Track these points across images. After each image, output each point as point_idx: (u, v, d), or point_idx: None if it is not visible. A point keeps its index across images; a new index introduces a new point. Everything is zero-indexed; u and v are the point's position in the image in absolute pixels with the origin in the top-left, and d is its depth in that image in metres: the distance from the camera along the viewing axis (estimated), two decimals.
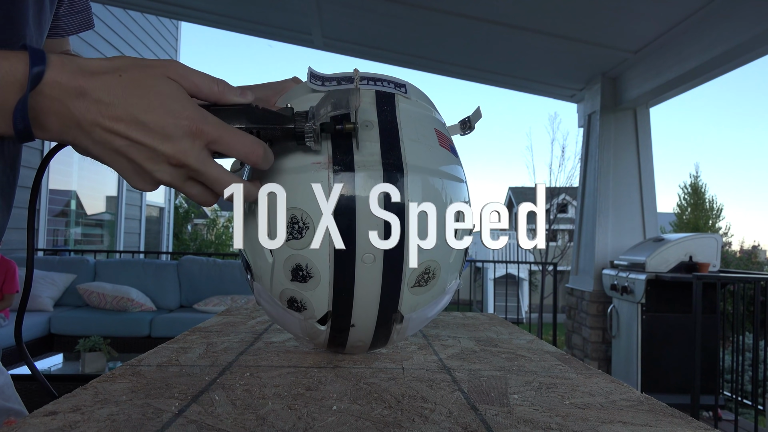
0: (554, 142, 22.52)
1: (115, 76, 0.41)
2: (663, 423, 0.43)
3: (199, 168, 0.43)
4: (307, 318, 0.53)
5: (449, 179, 0.53)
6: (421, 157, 0.51)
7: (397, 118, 0.53)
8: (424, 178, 0.50)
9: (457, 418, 0.43)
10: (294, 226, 0.48)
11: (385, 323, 0.54)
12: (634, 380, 3.90)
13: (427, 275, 0.52)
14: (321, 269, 0.49)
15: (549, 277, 11.31)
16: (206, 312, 4.55)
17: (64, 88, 0.40)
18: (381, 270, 0.49)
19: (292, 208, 0.49)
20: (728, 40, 3.23)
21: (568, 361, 0.64)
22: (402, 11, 3.88)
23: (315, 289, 0.50)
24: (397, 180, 0.49)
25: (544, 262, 7.85)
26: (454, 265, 0.55)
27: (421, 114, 0.55)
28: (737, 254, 18.47)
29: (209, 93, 0.45)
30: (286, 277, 0.51)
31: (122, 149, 0.42)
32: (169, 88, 0.42)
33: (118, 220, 7.03)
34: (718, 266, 4.12)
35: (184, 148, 0.42)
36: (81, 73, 0.40)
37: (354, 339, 0.56)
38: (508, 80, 5.13)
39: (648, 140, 4.69)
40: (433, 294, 0.54)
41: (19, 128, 0.39)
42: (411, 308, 0.53)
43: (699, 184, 17.54)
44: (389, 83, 0.56)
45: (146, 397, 0.46)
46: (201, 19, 5.02)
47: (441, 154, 0.53)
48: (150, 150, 0.41)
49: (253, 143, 0.44)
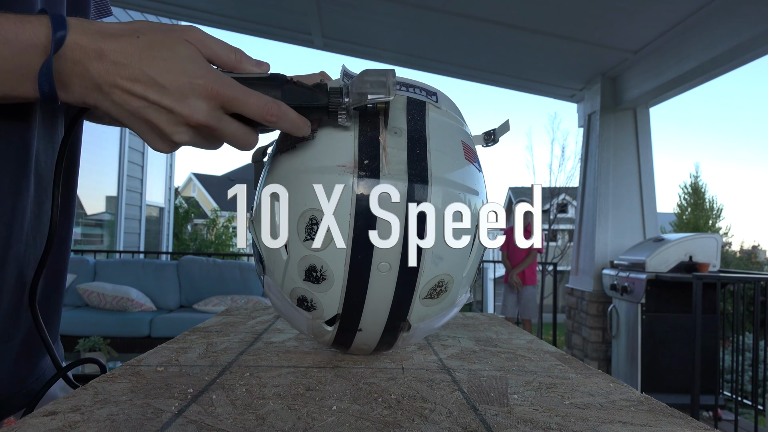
0: (554, 142, 22.56)
1: (133, 38, 0.42)
2: (663, 423, 0.43)
3: (217, 127, 0.43)
4: (315, 318, 0.53)
5: (471, 194, 0.53)
6: (446, 169, 0.51)
7: (426, 127, 0.52)
8: (447, 190, 0.50)
9: (457, 418, 0.43)
10: (313, 227, 0.48)
11: (392, 330, 0.54)
12: (634, 380, 3.90)
13: (439, 288, 0.52)
14: (336, 273, 0.49)
15: (549, 277, 11.32)
16: (206, 312, 4.55)
17: (85, 50, 0.40)
18: (395, 280, 0.49)
19: (312, 209, 0.48)
20: (728, 40, 3.23)
21: (568, 361, 0.64)
22: (402, 11, 3.88)
23: (327, 291, 0.50)
24: (422, 190, 0.48)
25: (544, 262, 7.86)
26: (467, 279, 0.55)
27: (450, 125, 0.55)
28: (737, 254, 18.48)
29: (227, 60, 0.46)
30: (299, 276, 0.51)
31: (140, 111, 0.42)
32: (186, 51, 0.43)
33: (118, 220, 7.03)
34: (718, 266, 4.12)
35: (201, 109, 0.42)
36: (100, 36, 0.41)
37: (359, 342, 0.56)
38: (508, 80, 5.14)
39: (648, 140, 4.69)
40: (442, 306, 0.54)
41: (44, 90, 0.40)
42: (419, 318, 0.54)
43: (699, 184, 17.56)
44: (421, 90, 0.55)
45: (146, 397, 0.46)
46: (201, 19, 5.02)
47: (466, 168, 0.53)
48: (167, 111, 0.42)
49: (268, 102, 0.44)
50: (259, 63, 0.47)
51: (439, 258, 0.50)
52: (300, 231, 0.49)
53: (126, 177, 7.07)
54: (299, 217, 0.49)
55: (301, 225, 0.49)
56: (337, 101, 0.47)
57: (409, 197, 0.48)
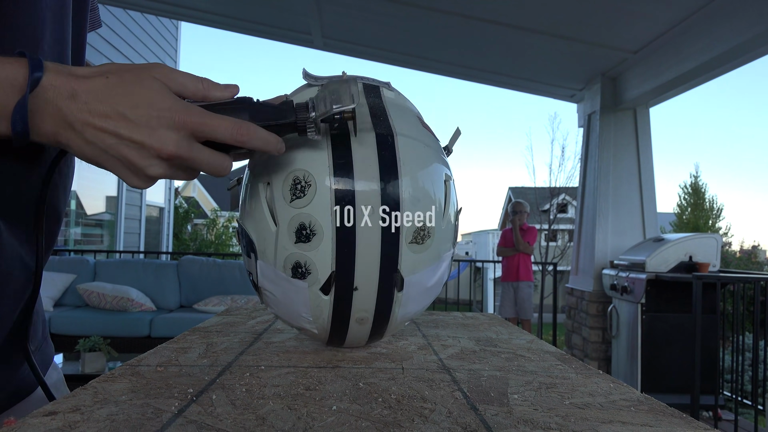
0: (554, 142, 22.58)
1: (102, 79, 0.43)
2: (663, 423, 0.43)
3: (189, 156, 0.45)
4: (312, 284, 0.54)
5: (434, 149, 0.59)
6: (407, 129, 0.57)
7: (383, 102, 0.59)
8: (409, 141, 0.56)
9: (457, 418, 0.43)
10: (297, 186, 0.52)
11: (386, 287, 0.55)
12: (634, 380, 3.90)
13: (422, 232, 0.55)
14: (324, 224, 0.52)
15: (549, 277, 11.31)
16: (206, 312, 4.55)
17: (58, 90, 0.42)
18: (379, 222, 0.52)
19: (294, 170, 0.52)
20: (728, 40, 3.23)
21: (568, 361, 0.64)
22: (402, 11, 3.88)
23: (319, 246, 0.53)
24: (388, 141, 0.54)
25: (544, 262, 7.85)
26: (447, 233, 0.59)
27: (404, 104, 0.62)
28: (737, 254, 18.48)
29: (194, 90, 0.47)
30: (291, 239, 0.53)
31: (113, 147, 0.43)
32: (153, 86, 0.44)
33: (117, 220, 7.03)
34: (718, 266, 4.12)
35: (171, 139, 0.44)
36: (74, 77, 0.43)
37: (357, 309, 0.56)
38: (508, 80, 5.13)
39: (648, 140, 4.69)
40: (429, 255, 0.57)
41: (17, 129, 0.41)
42: (410, 269, 0.55)
43: (699, 184, 17.55)
44: (373, 80, 0.63)
45: (146, 397, 0.46)
46: (201, 19, 5.02)
47: (424, 131, 0.60)
48: (138, 146, 0.43)
49: (236, 123, 0.46)
50: (227, 87, 0.49)
51: (417, 200, 0.54)
52: (285, 194, 0.52)
53: None
54: (283, 182, 0.53)
55: (285, 188, 0.52)
56: (304, 116, 0.49)
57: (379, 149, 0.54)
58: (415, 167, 0.55)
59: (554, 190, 12.72)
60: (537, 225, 15.43)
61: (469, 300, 16.16)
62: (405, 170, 0.53)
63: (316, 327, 0.59)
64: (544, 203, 13.82)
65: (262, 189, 0.55)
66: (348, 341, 0.62)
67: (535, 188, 13.83)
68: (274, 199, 0.53)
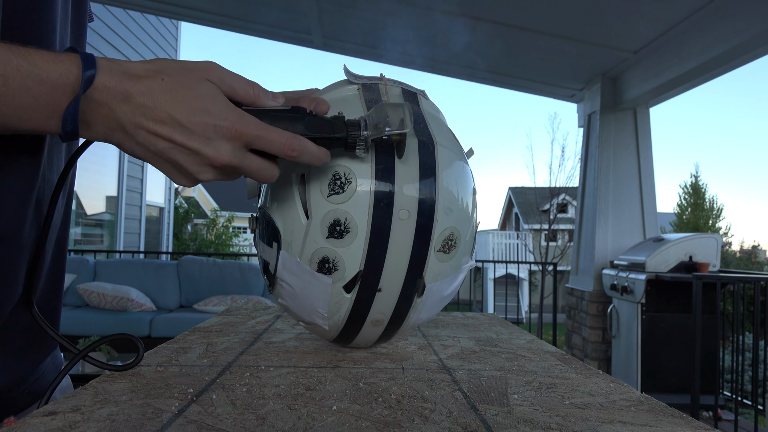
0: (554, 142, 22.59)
1: (158, 80, 0.43)
2: (663, 423, 0.43)
3: (240, 165, 0.45)
4: (336, 281, 0.54)
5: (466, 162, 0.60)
6: (444, 139, 0.58)
7: (422, 110, 0.59)
8: (446, 151, 0.57)
9: (457, 418, 0.43)
10: (336, 182, 0.52)
11: (408, 292, 0.56)
12: (634, 380, 3.90)
13: (450, 242, 0.56)
14: (359, 222, 0.52)
15: (549, 277, 11.31)
16: (206, 312, 4.55)
17: (112, 92, 0.41)
18: (414, 228, 0.53)
19: (335, 166, 0.52)
20: (728, 40, 3.23)
21: (568, 361, 0.64)
22: (402, 11, 3.88)
23: (350, 244, 0.53)
24: (429, 149, 0.55)
25: (544, 262, 7.84)
26: (469, 243, 0.60)
27: (437, 115, 0.63)
28: (737, 254, 18.47)
29: (245, 96, 0.47)
30: (322, 234, 0.53)
31: (165, 151, 0.43)
32: (209, 92, 0.44)
33: (118, 220, 7.03)
34: (718, 266, 4.12)
35: (226, 150, 0.44)
36: (127, 77, 0.42)
37: (376, 311, 0.57)
38: (508, 80, 5.13)
39: (648, 140, 4.69)
40: (452, 266, 0.57)
41: (67, 129, 0.41)
42: (433, 276, 0.56)
43: (699, 184, 17.54)
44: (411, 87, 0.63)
45: (146, 397, 0.46)
46: (201, 19, 5.02)
47: (457, 143, 0.61)
48: (193, 153, 0.43)
49: (289, 138, 0.46)
50: (275, 95, 0.49)
51: (450, 210, 0.55)
52: (323, 189, 0.52)
53: (126, 177, 7.07)
54: (321, 176, 0.53)
55: (323, 183, 0.52)
56: (356, 134, 0.49)
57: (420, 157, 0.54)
58: (452, 177, 0.56)
59: (554, 190, 12.72)
60: (537, 225, 15.44)
61: (469, 300, 16.16)
62: (443, 179, 0.54)
63: (328, 323, 0.59)
64: (544, 203, 13.82)
65: (295, 180, 0.55)
66: (356, 341, 0.62)
67: (535, 188, 13.84)
68: (310, 193, 0.53)
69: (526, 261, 10.41)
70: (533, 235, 16.83)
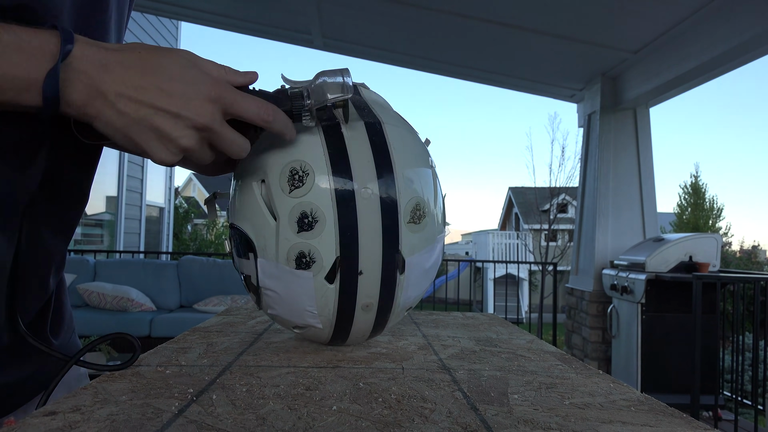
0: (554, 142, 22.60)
1: (135, 53, 0.44)
2: (663, 423, 0.43)
3: (219, 130, 0.46)
4: (317, 273, 0.55)
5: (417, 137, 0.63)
6: (390, 119, 0.60)
7: (363, 98, 0.62)
8: (395, 128, 0.59)
9: (457, 418, 0.43)
10: (295, 176, 0.53)
11: (390, 268, 0.56)
12: (634, 380, 3.90)
13: (419, 211, 0.57)
14: (325, 210, 0.53)
15: (549, 277, 11.31)
16: (206, 312, 4.55)
17: (90, 60, 0.42)
18: (379, 203, 0.54)
19: (290, 162, 0.54)
20: (728, 40, 3.23)
21: (568, 361, 0.64)
22: (402, 11, 3.88)
23: (321, 233, 0.54)
24: (377, 128, 0.57)
25: (544, 262, 7.85)
26: (438, 215, 0.61)
27: (381, 101, 0.65)
28: (737, 254, 18.48)
29: (218, 76, 0.48)
30: (293, 230, 0.54)
31: (147, 118, 0.44)
32: (186, 59, 0.46)
33: (118, 220, 7.03)
34: (718, 266, 4.12)
35: (206, 110, 0.45)
36: (104, 49, 0.43)
37: (363, 295, 0.57)
38: (508, 80, 5.13)
39: (648, 140, 4.68)
40: (426, 236, 0.59)
41: (48, 96, 0.41)
42: (410, 249, 0.57)
43: (699, 184, 17.54)
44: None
45: (146, 397, 0.46)
46: (201, 19, 5.01)
47: (405, 121, 0.63)
48: (174, 116, 0.44)
49: (264, 104, 0.48)
50: (246, 73, 0.50)
51: (410, 180, 0.56)
52: (284, 186, 0.54)
53: (126, 177, 7.07)
54: (279, 175, 0.54)
55: (283, 180, 0.54)
56: (300, 104, 0.51)
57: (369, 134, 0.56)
58: (405, 151, 0.58)
59: (554, 190, 12.72)
60: (537, 225, 15.44)
61: (469, 300, 16.16)
62: (396, 153, 0.56)
63: (320, 321, 0.59)
64: (544, 203, 13.82)
65: (256, 187, 0.56)
66: (352, 334, 0.62)
67: (535, 188, 13.84)
68: (272, 194, 0.54)
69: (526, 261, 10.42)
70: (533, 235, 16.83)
